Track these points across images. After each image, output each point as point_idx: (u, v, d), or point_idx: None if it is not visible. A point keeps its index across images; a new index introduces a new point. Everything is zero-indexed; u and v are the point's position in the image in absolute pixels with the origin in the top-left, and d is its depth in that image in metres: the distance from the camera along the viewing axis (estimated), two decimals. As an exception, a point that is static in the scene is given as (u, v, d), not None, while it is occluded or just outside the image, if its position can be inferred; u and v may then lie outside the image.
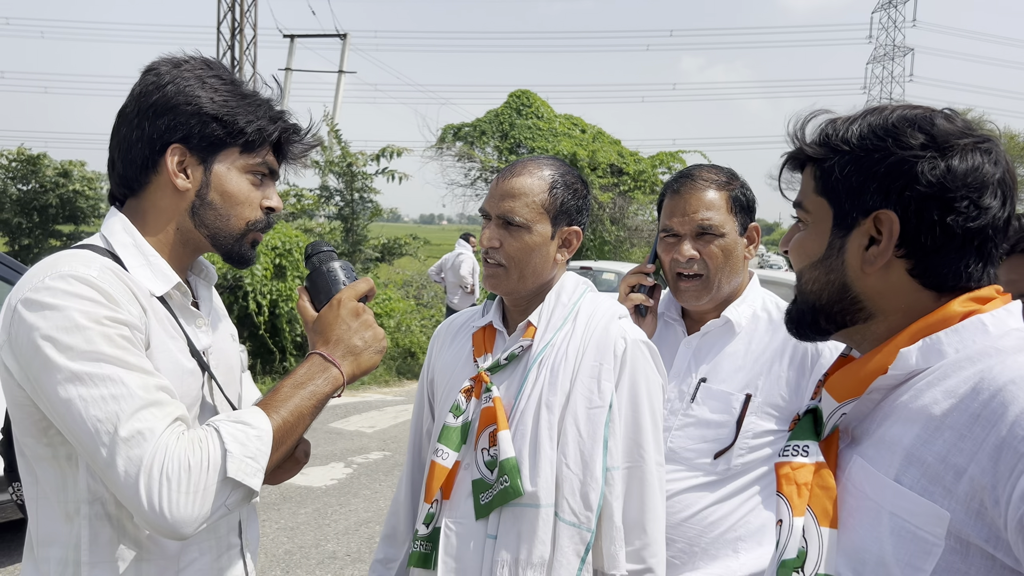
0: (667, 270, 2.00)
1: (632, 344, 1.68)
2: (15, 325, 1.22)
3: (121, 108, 1.40)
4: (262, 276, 9.82)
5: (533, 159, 1.76)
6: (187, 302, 1.43)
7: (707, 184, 1.94)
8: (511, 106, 24.46)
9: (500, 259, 1.70)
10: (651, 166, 23.10)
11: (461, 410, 1.71)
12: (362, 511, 5.63)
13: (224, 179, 1.40)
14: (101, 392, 1.17)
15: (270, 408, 1.30)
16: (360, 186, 15.08)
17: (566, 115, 24.89)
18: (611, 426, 1.62)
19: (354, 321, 1.41)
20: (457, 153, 23.56)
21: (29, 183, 19.13)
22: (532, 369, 1.67)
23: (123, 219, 1.39)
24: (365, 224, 15.48)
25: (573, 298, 1.75)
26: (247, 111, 1.39)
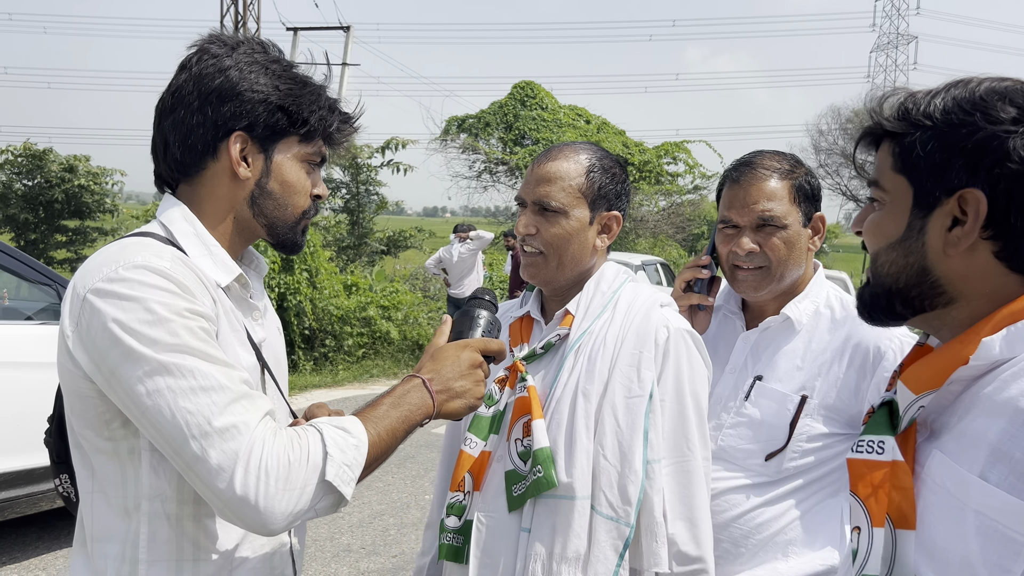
0: (724, 262, 1.91)
1: (675, 333, 1.62)
2: (86, 316, 1.19)
3: (174, 89, 1.35)
4: (269, 269, 9.80)
5: (569, 144, 1.72)
6: (246, 294, 1.41)
7: (769, 173, 1.83)
8: (515, 97, 24.38)
9: (538, 246, 1.66)
10: (656, 156, 23.03)
11: (494, 400, 1.68)
12: (375, 503, 5.62)
13: (284, 168, 1.38)
14: (191, 384, 1.14)
15: (368, 421, 1.26)
16: (365, 179, 15.04)
17: (570, 106, 24.79)
18: (652, 417, 1.57)
19: (467, 368, 1.39)
20: (461, 145, 23.50)
21: (35, 178, 19.14)
22: (569, 357, 1.63)
23: (182, 207, 1.36)
24: (371, 217, 15.45)
25: (613, 287, 1.70)
26: (309, 100, 1.37)
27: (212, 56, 1.34)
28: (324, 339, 10.69)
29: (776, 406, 1.80)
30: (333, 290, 10.82)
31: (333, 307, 10.60)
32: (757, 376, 1.85)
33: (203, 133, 1.33)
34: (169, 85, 1.36)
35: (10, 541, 4.74)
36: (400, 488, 5.99)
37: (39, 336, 4.32)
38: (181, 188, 1.39)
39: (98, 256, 1.26)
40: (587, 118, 24.59)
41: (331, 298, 10.66)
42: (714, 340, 1.97)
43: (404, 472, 6.36)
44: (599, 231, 1.70)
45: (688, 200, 25.27)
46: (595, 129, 24.09)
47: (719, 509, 1.79)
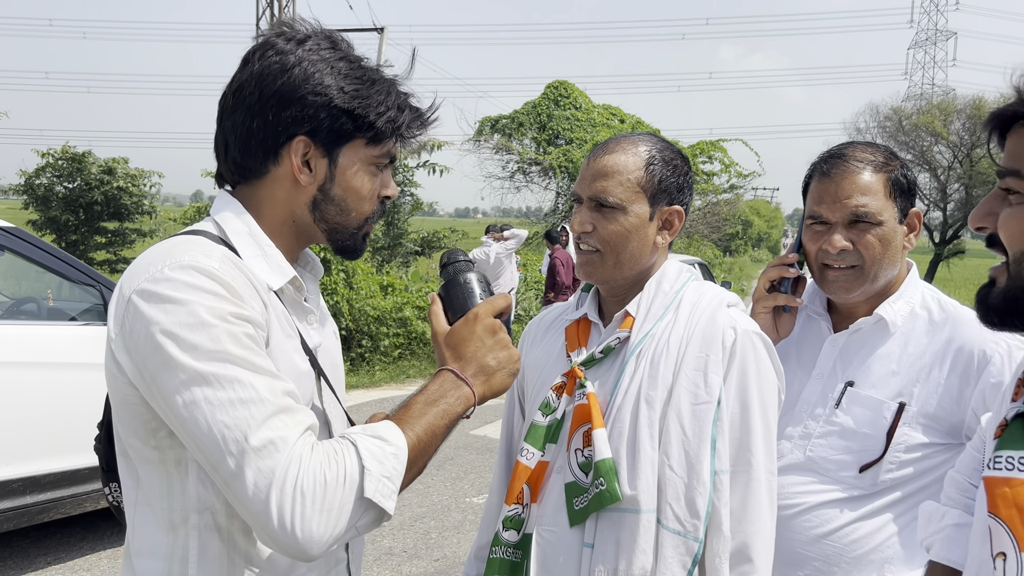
0: (812, 260, 1.78)
1: (743, 335, 1.52)
2: (130, 318, 1.12)
3: (236, 87, 1.27)
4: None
5: (627, 135, 1.62)
6: (300, 297, 1.33)
7: (862, 165, 1.71)
8: (548, 97, 24.28)
9: (595, 244, 1.57)
10: (691, 156, 22.79)
11: (551, 408, 1.59)
12: (416, 506, 5.58)
13: (349, 173, 1.30)
14: (229, 395, 1.07)
15: (404, 424, 1.19)
16: (401, 180, 15.06)
17: (604, 105, 24.64)
18: (720, 425, 1.48)
19: (489, 339, 1.31)
20: (495, 146, 23.45)
21: (75, 181, 19.43)
22: (630, 362, 1.54)
23: (237, 205, 1.29)
24: (405, 218, 15.47)
25: (676, 286, 1.60)
26: (377, 101, 1.28)
27: (277, 52, 1.25)
28: (361, 340, 10.70)
29: (871, 414, 1.69)
30: (369, 291, 10.83)
31: (370, 308, 10.60)
32: (848, 382, 1.74)
33: (264, 138, 1.25)
34: (231, 81, 1.28)
35: (55, 541, 4.76)
36: (440, 491, 5.93)
37: (83, 337, 4.32)
38: (240, 188, 1.32)
39: (147, 255, 1.20)
40: (621, 117, 24.41)
41: (367, 299, 10.66)
42: (798, 343, 1.87)
43: (444, 474, 6.31)
44: (660, 227, 1.60)
45: (724, 200, 24.99)
46: (629, 128, 23.88)
47: (810, 525, 1.69)
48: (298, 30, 1.29)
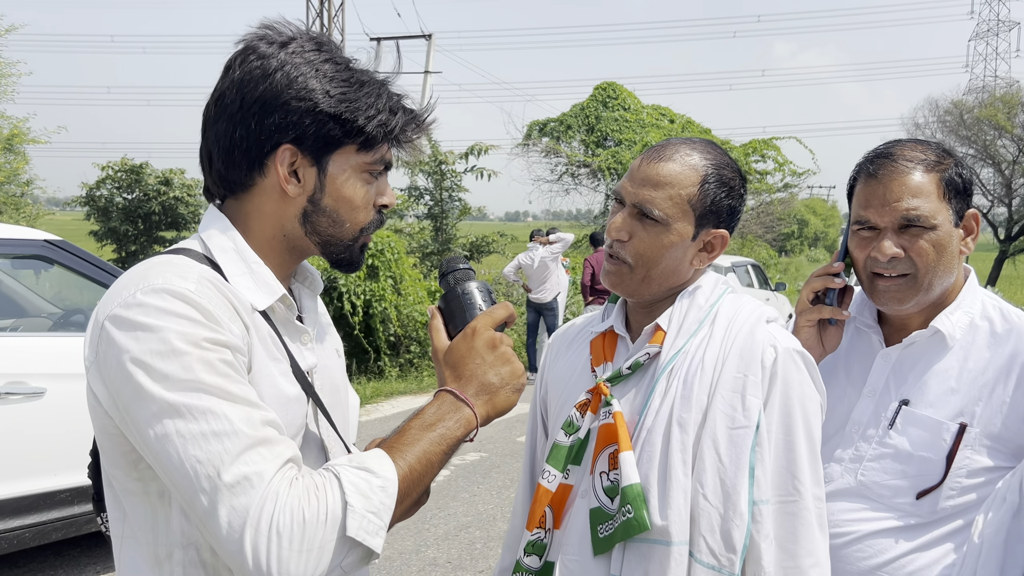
0: (860, 269, 1.65)
1: (784, 354, 1.41)
2: (103, 345, 1.07)
3: (218, 95, 1.20)
4: (355, 277, 9.86)
5: (685, 141, 1.49)
6: (292, 316, 1.26)
7: (912, 164, 1.57)
8: (597, 99, 24.14)
9: (626, 256, 1.46)
10: (744, 155, 22.41)
11: (575, 427, 1.50)
12: (461, 515, 5.52)
13: (340, 182, 1.22)
14: (201, 428, 1.01)
15: (396, 452, 1.11)
16: (449, 185, 15.09)
17: (654, 106, 24.40)
18: (759, 451, 1.37)
19: (490, 354, 1.23)
20: (543, 149, 23.40)
21: (133, 192, 19.93)
22: (660, 380, 1.43)
23: (224, 220, 1.23)
24: (454, 223, 15.49)
25: (711, 299, 1.49)
26: (367, 104, 1.20)
27: (258, 57, 1.18)
28: (409, 345, 10.71)
29: (928, 436, 1.56)
30: (417, 296, 10.83)
31: (418, 313, 10.60)
32: (903, 400, 1.60)
33: (247, 148, 1.18)
34: (214, 90, 1.22)
35: (105, 551, 4.81)
36: (486, 499, 5.87)
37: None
38: (228, 202, 1.26)
39: (124, 277, 1.14)
40: (671, 117, 24.13)
41: (415, 304, 10.67)
42: (847, 358, 1.73)
43: (490, 483, 6.24)
44: (700, 248, 1.49)
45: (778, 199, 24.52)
46: (679, 128, 23.61)
47: (862, 555, 1.56)
48: (281, 32, 1.22)
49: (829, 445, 1.64)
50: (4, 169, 13.28)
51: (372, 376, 10.28)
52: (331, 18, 23.07)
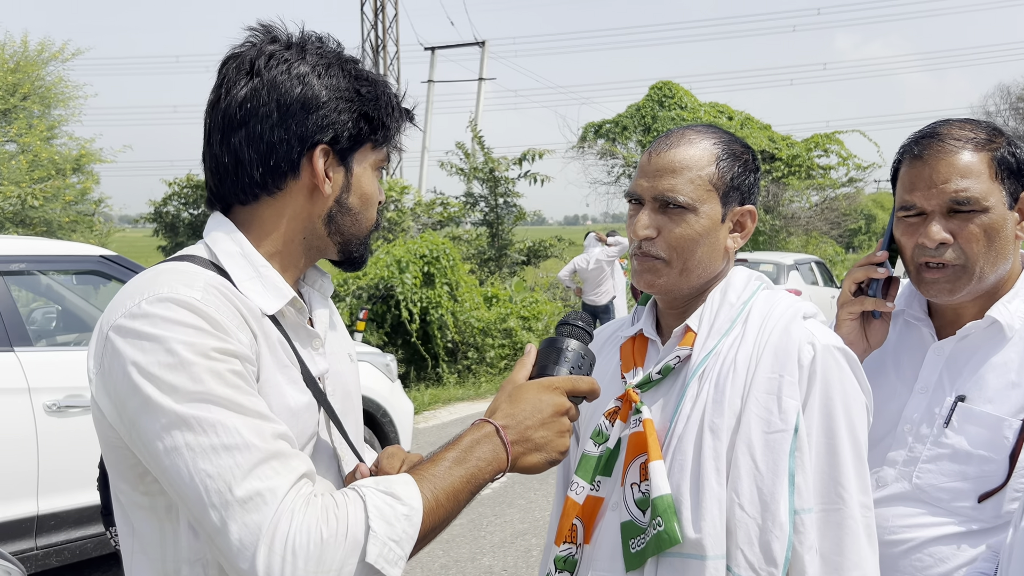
0: (908, 258, 1.55)
1: (823, 351, 1.32)
2: (108, 357, 1.05)
3: (244, 98, 1.16)
4: (412, 284, 9.92)
5: (689, 128, 1.44)
6: (303, 320, 1.23)
7: (960, 144, 1.47)
8: (652, 99, 23.94)
9: (658, 251, 1.38)
10: (806, 150, 21.96)
11: (604, 436, 1.42)
12: (518, 522, 5.46)
13: (362, 180, 1.23)
14: (212, 441, 0.99)
15: (425, 482, 1.06)
16: (503, 191, 15.09)
17: (711, 103, 24.08)
18: (798, 456, 1.28)
19: (550, 414, 1.16)
20: (599, 151, 23.28)
21: (199, 207, 20.43)
22: (691, 384, 1.36)
23: (228, 224, 1.21)
24: (510, 228, 15.48)
25: (743, 296, 1.41)
26: (385, 102, 1.23)
27: (283, 60, 1.18)
28: (467, 351, 10.72)
29: (988, 433, 1.45)
30: (474, 303, 10.84)
31: (474, 319, 10.61)
32: (959, 396, 1.49)
33: (287, 150, 1.17)
34: (229, 92, 1.18)
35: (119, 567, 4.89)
36: (543, 506, 5.80)
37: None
38: (236, 208, 1.22)
39: (128, 286, 1.12)
40: (729, 114, 23.78)
41: (472, 311, 10.68)
42: (896, 353, 1.62)
43: (547, 489, 6.17)
44: (731, 229, 1.42)
45: (843, 194, 23.91)
46: (738, 125, 23.25)
47: (921, 564, 1.46)
48: (285, 35, 1.21)
49: (880, 447, 1.54)
50: (74, 189, 13.75)
51: (430, 383, 10.31)
52: (385, 29, 23.33)
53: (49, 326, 4.95)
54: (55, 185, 12.75)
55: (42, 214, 12.41)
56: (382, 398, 5.37)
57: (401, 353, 10.07)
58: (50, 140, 14.21)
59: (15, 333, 3.92)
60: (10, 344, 3.87)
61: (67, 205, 13.26)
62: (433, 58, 25.83)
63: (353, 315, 9.57)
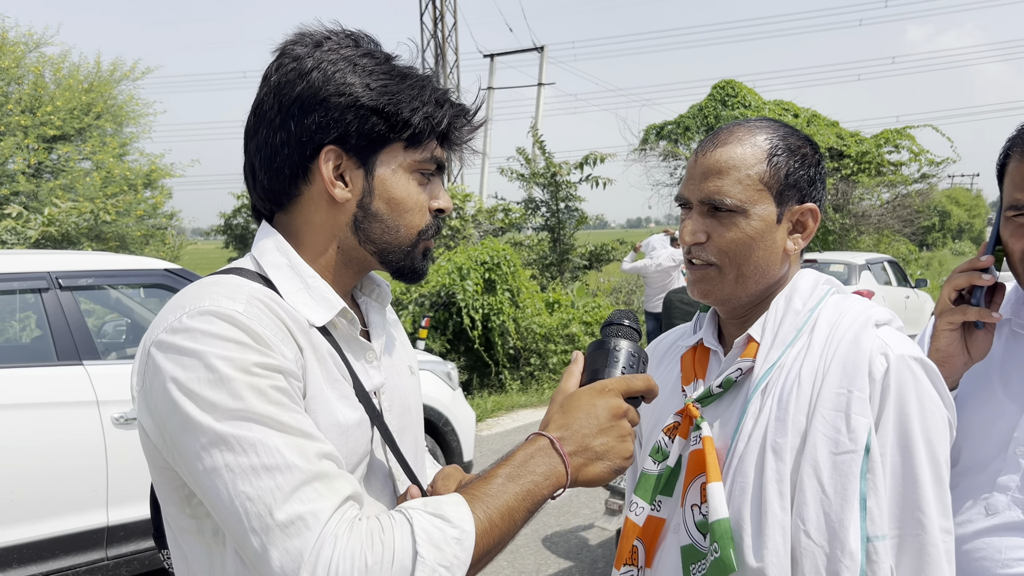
0: (1016, 261, 1.44)
1: (898, 362, 1.21)
2: (149, 373, 1.02)
3: (256, 102, 1.16)
4: (473, 291, 9.91)
5: (741, 123, 1.35)
6: (355, 331, 1.18)
7: None
8: (715, 98, 23.55)
9: (709, 257, 1.31)
10: (875, 146, 21.32)
11: (664, 453, 1.34)
12: (582, 532, 5.36)
13: (389, 183, 1.15)
14: (252, 462, 0.95)
15: (477, 502, 0.99)
16: (564, 195, 15.01)
17: (776, 101, 23.58)
18: (870, 479, 1.18)
19: (608, 419, 1.09)
20: (661, 152, 23.01)
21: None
22: (753, 399, 1.26)
23: (276, 236, 1.17)
24: (571, 233, 15.39)
25: (810, 303, 1.31)
26: (410, 96, 1.13)
27: (293, 59, 1.13)
28: (529, 358, 10.66)
29: None
30: (535, 308, 10.78)
31: (536, 325, 10.55)
32: None
33: (289, 153, 1.12)
34: (253, 100, 1.17)
35: None
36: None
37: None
38: (277, 218, 1.20)
39: (173, 300, 1.09)
40: (795, 112, 23.24)
41: (533, 316, 10.61)
42: (1002, 367, 1.50)
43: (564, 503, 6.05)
44: (790, 230, 1.32)
45: (916, 190, 23.14)
46: (804, 122, 22.71)
47: None
48: (316, 33, 1.16)
49: (989, 471, 1.42)
50: (146, 203, 14.15)
51: (493, 390, 10.27)
52: (445, 38, 23.51)
53: (119, 339, 5.05)
54: (127, 200, 13.14)
55: (115, 229, 12.80)
56: (444, 407, 5.34)
57: (463, 360, 10.06)
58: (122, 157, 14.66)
59: (84, 347, 4.00)
60: (79, 357, 3.95)
61: (139, 219, 13.65)
62: (492, 65, 25.90)
63: (415, 323, 9.62)
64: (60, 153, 13.66)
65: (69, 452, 3.82)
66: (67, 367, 3.92)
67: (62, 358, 3.93)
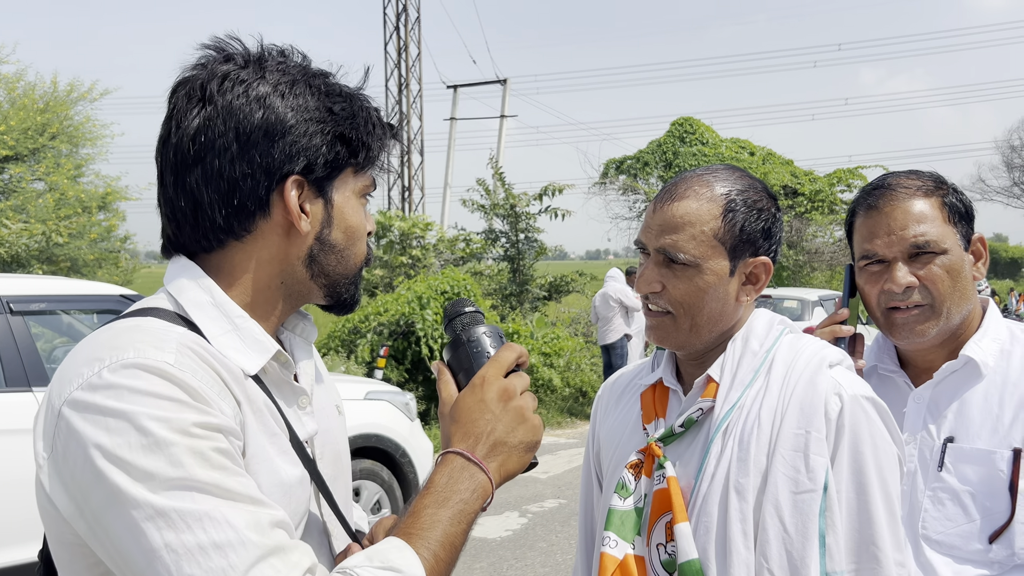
0: (873, 306, 1.58)
1: (851, 402, 1.25)
2: (61, 438, 0.89)
3: (198, 130, 1.01)
4: (433, 321, 9.88)
5: (701, 173, 1.37)
6: (288, 376, 1.08)
7: (911, 192, 1.53)
8: (674, 135, 23.99)
9: (665, 305, 1.34)
10: (828, 184, 21.85)
11: (629, 491, 1.36)
12: (539, 566, 5.34)
13: (345, 211, 1.08)
14: (198, 539, 0.84)
15: (416, 540, 0.94)
16: (524, 226, 15.09)
17: (733, 139, 24.10)
18: (828, 516, 1.22)
19: (500, 407, 1.04)
20: (620, 186, 23.31)
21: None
22: (715, 440, 1.29)
23: (194, 269, 1.04)
24: (531, 263, 15.45)
25: (766, 344, 1.35)
26: (364, 120, 1.08)
27: (239, 81, 1.02)
28: (487, 389, 10.61)
29: (983, 469, 1.45)
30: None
31: (495, 356, 10.52)
32: (947, 438, 1.51)
33: (252, 186, 1.01)
34: (180, 126, 1.02)
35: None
36: (563, 549, 5.68)
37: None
38: (201, 257, 1.07)
39: (83, 349, 0.95)
40: (751, 150, 23.75)
41: (493, 347, 10.59)
42: None
43: (569, 531, 6.05)
44: (743, 282, 1.36)
45: (866, 228, 23.73)
46: (760, 160, 23.21)
47: None
48: (244, 51, 1.06)
49: None
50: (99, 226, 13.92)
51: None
52: (408, 67, 23.61)
53: (69, 365, 4.94)
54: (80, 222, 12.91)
55: (67, 251, 12.57)
56: (401, 438, 5.31)
57: (422, 390, 10.01)
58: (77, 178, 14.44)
59: (34, 373, 3.91)
60: (28, 384, 3.86)
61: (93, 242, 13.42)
62: (455, 96, 26.08)
63: (374, 351, 9.55)
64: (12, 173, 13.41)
65: (16, 480, 3.72)
66: (16, 393, 3.83)
67: (10, 384, 3.84)
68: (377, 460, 5.23)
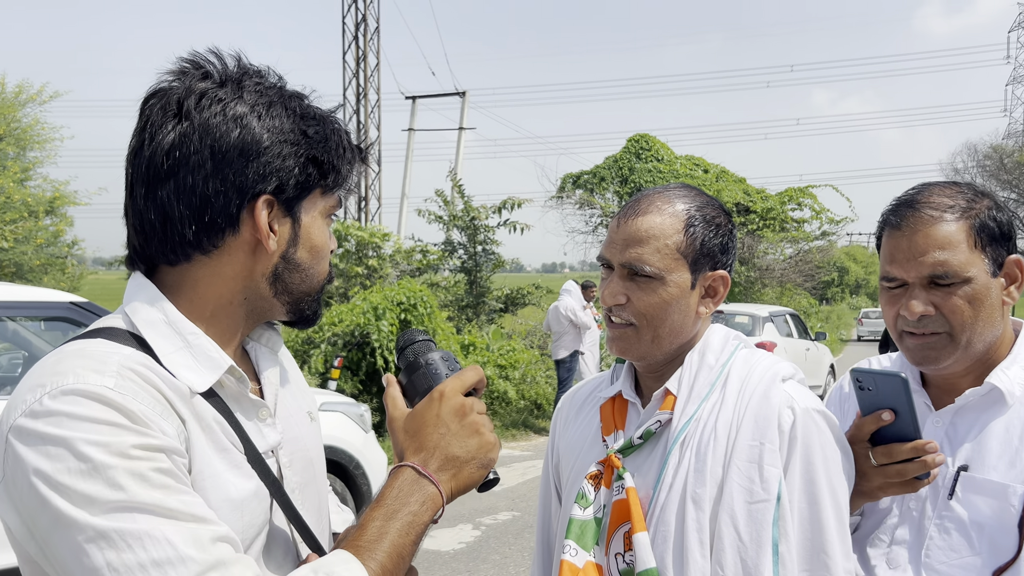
0: (892, 328, 1.52)
1: (803, 415, 1.30)
2: (9, 464, 0.91)
3: (172, 145, 1.02)
4: (388, 332, 9.83)
5: (661, 190, 1.43)
6: (244, 390, 1.09)
7: (937, 213, 1.43)
8: (630, 151, 24.27)
9: (629, 317, 1.38)
10: (779, 202, 22.30)
11: (588, 501, 1.39)
12: (491, 578, 5.34)
13: (311, 230, 1.10)
14: (138, 558, 0.86)
15: (364, 552, 0.95)
16: (482, 239, 15.12)
17: (687, 156, 24.46)
18: (781, 525, 1.26)
19: (456, 423, 1.07)
20: (577, 201, 23.50)
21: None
22: (673, 451, 1.33)
23: (151, 289, 1.06)
24: (488, 276, 15.48)
25: (722, 358, 1.40)
26: (335, 142, 1.10)
27: (216, 100, 1.04)
28: (442, 401, 10.57)
29: (995, 503, 1.39)
30: (451, 351, 10.73)
31: (450, 368, 10.48)
32: (961, 467, 1.44)
33: (224, 203, 1.03)
34: (153, 138, 1.03)
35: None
36: (517, 561, 5.69)
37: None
38: (163, 269, 1.08)
39: (32, 374, 0.97)
40: (705, 167, 24.15)
41: (448, 359, 10.55)
42: None
43: (522, 544, 6.06)
44: (703, 295, 1.41)
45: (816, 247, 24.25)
46: (714, 178, 23.61)
47: None
48: (221, 70, 1.07)
49: (888, 524, 1.50)
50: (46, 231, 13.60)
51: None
52: (367, 78, 23.54)
53: (13, 373, 4.83)
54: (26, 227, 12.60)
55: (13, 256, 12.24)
56: (355, 450, 5.28)
57: (376, 402, 9.94)
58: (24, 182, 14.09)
59: (-23, 380, 3.81)
60: (-28, 391, 3.76)
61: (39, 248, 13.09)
62: (414, 107, 26.06)
63: (328, 362, 9.46)
64: (-45, 176, 13.05)
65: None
66: (-42, 402, 3.73)
67: (-47, 392, 3.73)
68: (330, 472, 5.19)
